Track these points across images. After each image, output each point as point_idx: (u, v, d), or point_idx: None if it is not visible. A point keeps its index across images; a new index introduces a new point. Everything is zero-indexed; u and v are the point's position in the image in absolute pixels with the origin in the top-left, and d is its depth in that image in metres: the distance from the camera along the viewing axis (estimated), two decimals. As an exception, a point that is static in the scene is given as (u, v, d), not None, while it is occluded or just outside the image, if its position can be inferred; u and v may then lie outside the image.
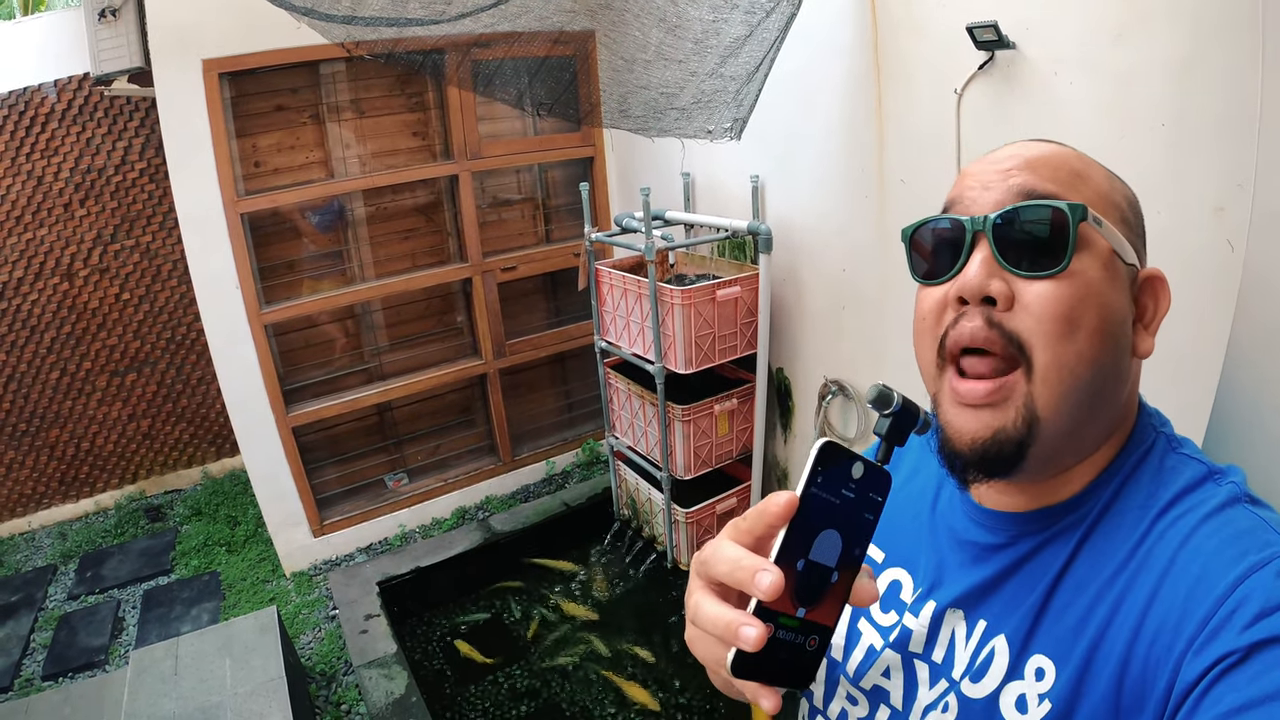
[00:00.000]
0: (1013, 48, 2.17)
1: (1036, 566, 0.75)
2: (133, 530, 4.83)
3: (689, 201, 4.00)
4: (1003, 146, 0.78)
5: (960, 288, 0.72)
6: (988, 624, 0.77)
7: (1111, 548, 0.71)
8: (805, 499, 0.57)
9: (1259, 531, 0.65)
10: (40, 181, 4.44)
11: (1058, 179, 0.72)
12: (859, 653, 0.89)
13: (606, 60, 2.92)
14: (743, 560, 0.56)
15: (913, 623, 0.84)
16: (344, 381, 4.35)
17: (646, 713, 3.34)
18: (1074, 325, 0.68)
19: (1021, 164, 0.73)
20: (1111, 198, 0.74)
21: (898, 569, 0.90)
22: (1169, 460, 0.74)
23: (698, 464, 3.72)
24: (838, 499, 0.58)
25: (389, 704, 3.20)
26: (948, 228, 0.75)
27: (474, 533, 4.37)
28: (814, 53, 2.95)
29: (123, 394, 5.01)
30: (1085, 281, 0.69)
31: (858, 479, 0.59)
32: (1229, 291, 1.64)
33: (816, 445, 0.59)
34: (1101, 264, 0.70)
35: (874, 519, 0.60)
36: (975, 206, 0.73)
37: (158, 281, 4.88)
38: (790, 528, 0.57)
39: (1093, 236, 0.70)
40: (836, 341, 3.33)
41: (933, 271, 0.76)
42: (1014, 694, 0.72)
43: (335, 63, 3.88)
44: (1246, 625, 0.58)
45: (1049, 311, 0.68)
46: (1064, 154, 0.74)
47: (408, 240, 4.36)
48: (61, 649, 3.78)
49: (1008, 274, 0.70)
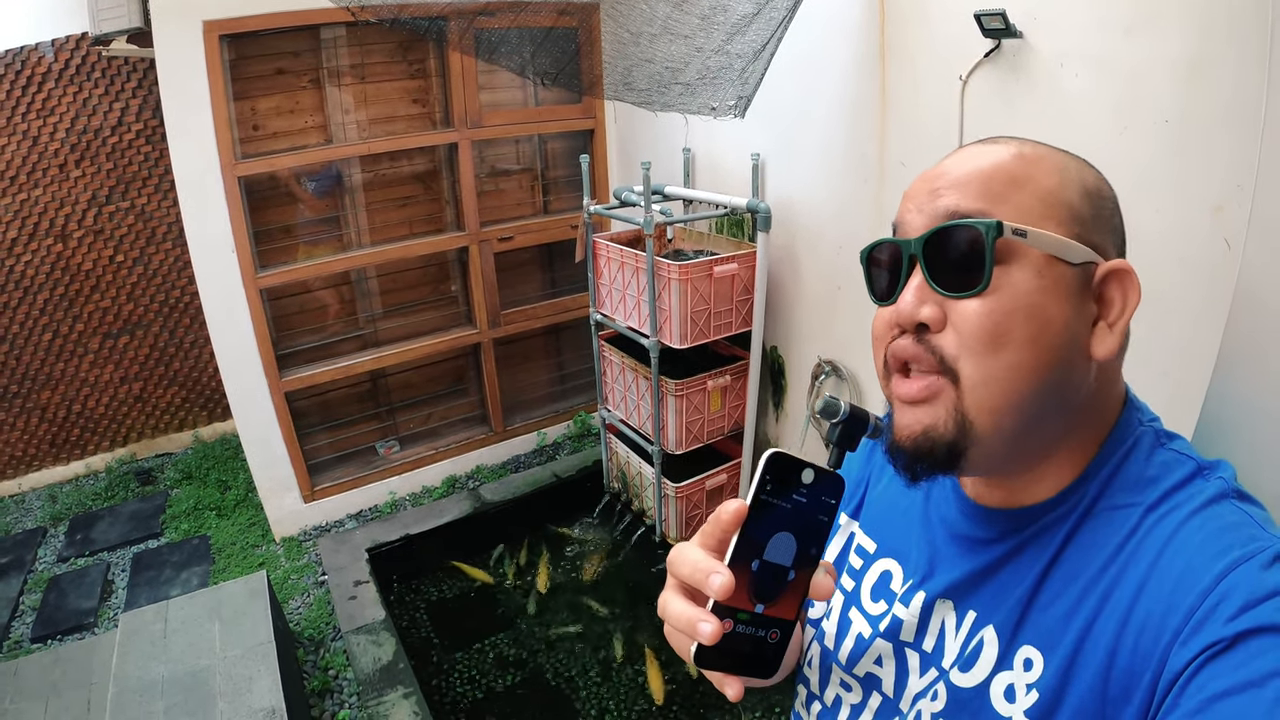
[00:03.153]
0: (1019, 37, 2.17)
1: (1025, 559, 0.76)
2: (123, 493, 4.83)
3: (689, 177, 3.99)
4: (946, 156, 0.78)
5: (895, 315, 0.74)
6: (977, 615, 0.78)
7: (1100, 541, 0.72)
8: (756, 505, 0.63)
9: (1244, 527, 0.66)
10: (36, 142, 4.39)
11: (987, 192, 0.72)
12: (849, 641, 0.91)
13: (612, 33, 2.90)
14: (700, 563, 0.63)
15: (903, 612, 0.85)
16: (338, 348, 4.34)
17: (631, 684, 3.38)
18: (999, 340, 0.68)
19: (950, 182, 0.74)
20: (1058, 196, 0.72)
21: (888, 559, 0.92)
22: (1158, 455, 0.75)
23: (689, 439, 3.74)
24: (789, 504, 0.63)
25: (377, 670, 3.23)
26: (890, 250, 0.77)
27: (464, 501, 4.40)
28: (821, 33, 2.94)
29: (115, 356, 4.99)
30: (1012, 294, 0.69)
31: (808, 484, 0.64)
32: (1225, 289, 1.65)
33: (764, 456, 0.63)
34: (1034, 273, 0.69)
35: (828, 520, 0.65)
36: (910, 229, 0.75)
37: (152, 244, 4.85)
38: (742, 533, 0.62)
39: (1018, 248, 0.69)
40: (831, 322, 3.34)
41: (883, 293, 0.78)
42: (1003, 684, 0.73)
43: (337, 27, 3.84)
44: (1231, 616, 0.59)
45: (971, 329, 0.69)
46: (1001, 160, 0.74)
47: (405, 207, 4.35)
48: (51, 611, 3.78)
49: (939, 296, 0.71)
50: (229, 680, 2.73)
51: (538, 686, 3.42)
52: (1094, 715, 0.67)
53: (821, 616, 0.97)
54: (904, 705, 0.83)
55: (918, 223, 0.74)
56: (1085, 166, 0.76)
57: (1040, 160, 0.74)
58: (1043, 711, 0.69)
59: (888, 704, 0.85)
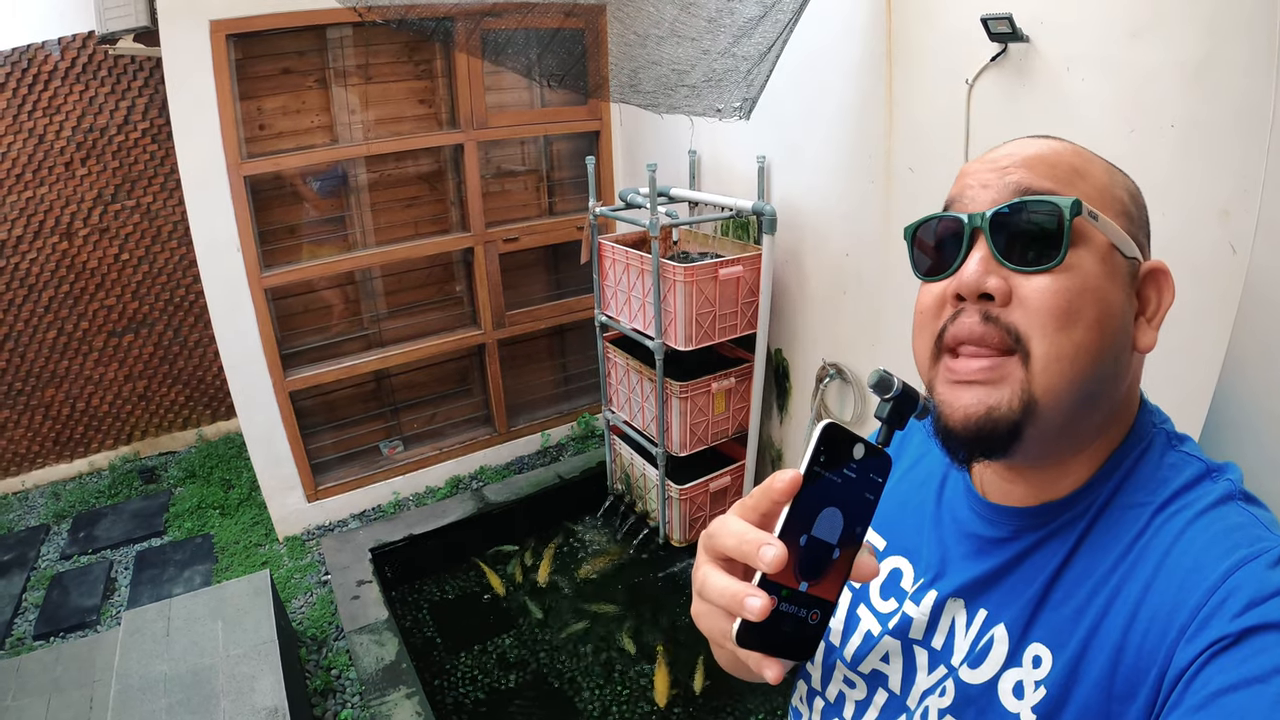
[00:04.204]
0: (1026, 41, 2.16)
1: (1038, 560, 0.76)
2: (126, 491, 4.83)
3: (694, 179, 3.99)
4: (1001, 145, 0.78)
5: (959, 284, 0.73)
6: (988, 613, 0.79)
7: (1110, 542, 0.72)
8: (808, 477, 0.60)
9: (1250, 528, 0.67)
10: (42, 140, 4.40)
11: (1055, 175, 0.73)
12: (857, 638, 0.90)
13: (619, 35, 2.90)
14: (748, 534, 0.59)
15: (913, 610, 0.86)
16: (342, 347, 4.34)
17: (635, 686, 3.38)
18: (1072, 318, 0.69)
19: (1018, 162, 0.74)
20: (1112, 191, 0.74)
21: (899, 557, 0.92)
22: (1169, 457, 0.75)
23: (693, 441, 3.74)
24: (839, 478, 0.61)
25: (379, 670, 3.23)
26: (947, 225, 0.76)
27: (467, 502, 4.39)
28: (827, 36, 2.94)
29: (120, 355, 5.00)
30: (1083, 275, 0.70)
31: (859, 460, 0.62)
32: (1230, 294, 1.65)
33: (820, 425, 0.61)
34: (1099, 258, 0.70)
35: (874, 499, 0.63)
36: (974, 204, 0.75)
37: (157, 243, 4.86)
38: (794, 504, 0.59)
39: (1089, 231, 0.70)
40: (836, 325, 3.34)
41: (933, 268, 0.78)
42: (1011, 680, 0.74)
43: (343, 27, 3.85)
44: (1237, 613, 0.60)
45: (1046, 305, 0.69)
46: (1061, 150, 0.75)
47: (410, 208, 4.35)
48: (53, 609, 3.79)
49: (1005, 270, 0.71)
50: (231, 679, 2.73)
51: (540, 687, 3.42)
52: (1100, 711, 0.67)
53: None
54: (911, 702, 0.83)
55: (984, 197, 0.74)
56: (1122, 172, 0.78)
57: (1092, 159, 0.76)
58: (1050, 708, 0.70)
59: (894, 700, 0.86)
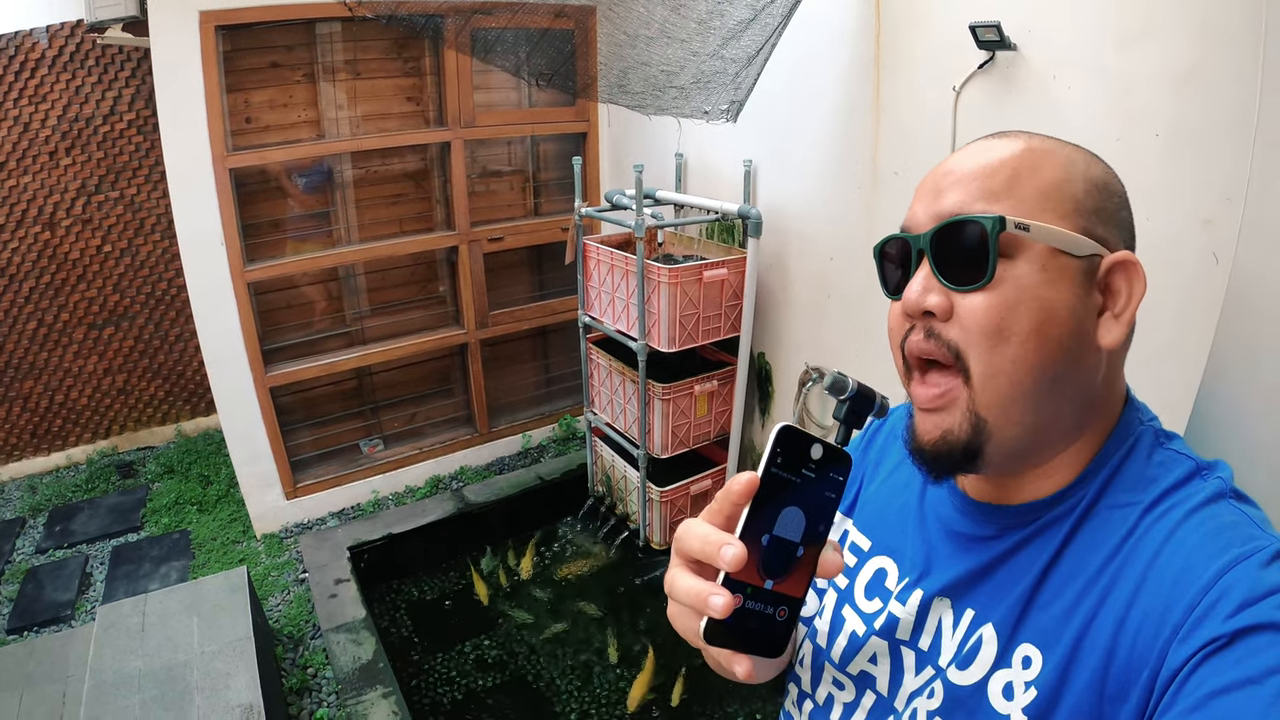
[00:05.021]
0: (1014, 49, 2.18)
1: (1024, 558, 0.76)
2: (103, 486, 4.79)
3: (680, 182, 4.00)
4: (959, 150, 0.80)
5: (904, 303, 0.76)
6: (975, 613, 0.79)
7: (1099, 541, 0.72)
8: (765, 479, 0.62)
9: (1242, 526, 0.67)
10: (26, 128, 4.36)
11: (989, 189, 0.73)
12: (843, 639, 0.90)
13: (608, 35, 2.91)
14: (710, 536, 0.62)
15: (899, 610, 0.85)
16: (324, 344, 4.32)
17: (613, 688, 3.37)
18: (1003, 334, 0.70)
19: (955, 180, 0.75)
20: (1063, 190, 0.73)
21: (883, 557, 0.92)
22: (1157, 455, 0.75)
23: (675, 443, 3.74)
24: (798, 478, 0.63)
25: (356, 669, 3.21)
26: (899, 245, 0.79)
27: (447, 502, 4.38)
28: (815, 41, 2.95)
29: (99, 348, 4.95)
30: (1017, 288, 0.70)
31: (817, 459, 0.64)
32: (1212, 302, 1.67)
33: (776, 429, 0.63)
34: (1037, 266, 0.70)
35: (836, 497, 0.65)
36: (918, 225, 0.77)
37: (140, 235, 4.82)
38: (752, 506, 0.62)
39: (1021, 242, 0.70)
40: (819, 329, 3.35)
41: (893, 288, 0.81)
42: (1001, 682, 0.74)
43: (333, 22, 3.84)
44: (1230, 614, 0.60)
45: (978, 323, 0.71)
46: (1008, 156, 0.75)
47: (395, 205, 4.34)
48: (27, 603, 3.75)
49: (945, 288, 0.73)
50: (206, 675, 2.71)
51: (518, 688, 3.40)
52: (1091, 713, 0.67)
53: (814, 615, 0.97)
54: (899, 704, 0.83)
55: (924, 218, 0.76)
56: (1094, 160, 0.78)
57: (1048, 154, 0.75)
58: (1041, 709, 0.70)
59: (882, 702, 0.85)
